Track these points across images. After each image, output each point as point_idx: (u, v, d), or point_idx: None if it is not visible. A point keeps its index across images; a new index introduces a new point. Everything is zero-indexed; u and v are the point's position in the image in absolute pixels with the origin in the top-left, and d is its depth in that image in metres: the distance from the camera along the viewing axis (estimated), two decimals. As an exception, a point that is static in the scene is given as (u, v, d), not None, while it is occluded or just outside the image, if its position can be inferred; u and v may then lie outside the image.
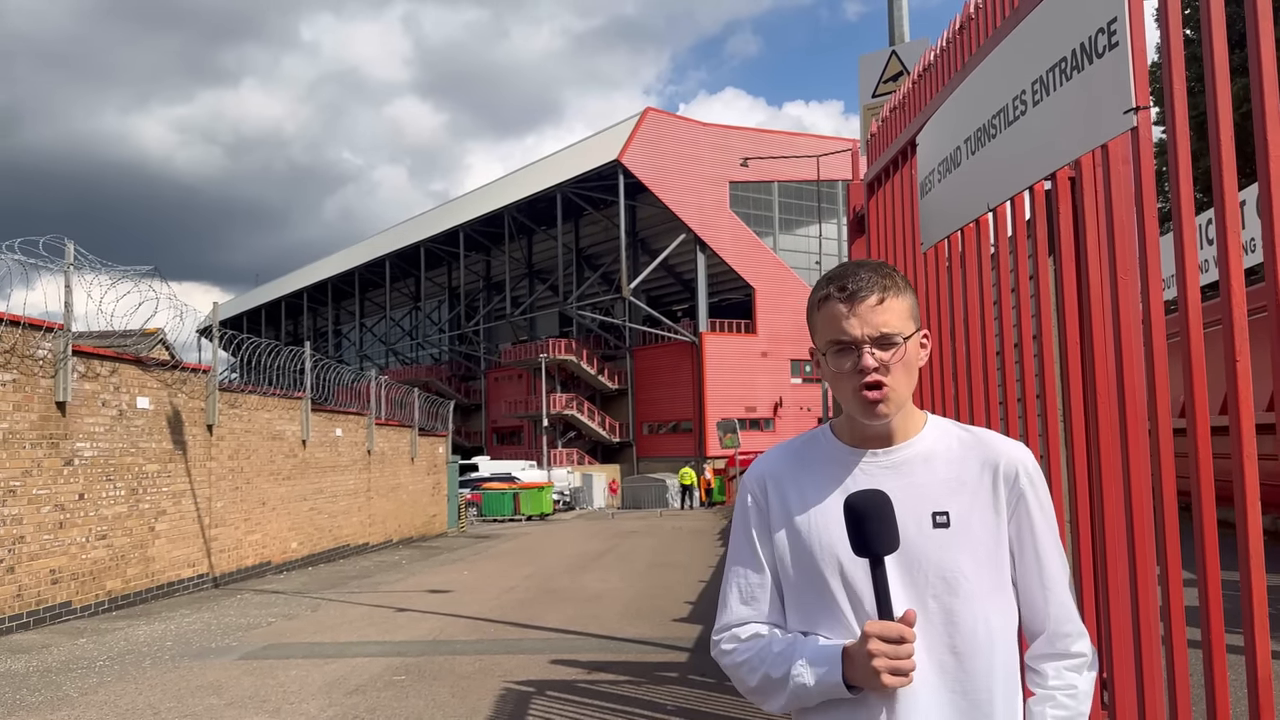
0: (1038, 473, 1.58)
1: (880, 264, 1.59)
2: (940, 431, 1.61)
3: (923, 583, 1.51)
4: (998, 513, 1.55)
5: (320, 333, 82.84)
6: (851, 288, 1.52)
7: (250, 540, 14.19)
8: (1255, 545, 1.90)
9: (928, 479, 1.55)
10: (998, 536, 1.55)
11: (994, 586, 1.53)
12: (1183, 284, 2.05)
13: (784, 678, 1.53)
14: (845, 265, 1.59)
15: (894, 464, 1.57)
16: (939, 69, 3.41)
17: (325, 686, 6.70)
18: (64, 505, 10.06)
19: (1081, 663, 1.56)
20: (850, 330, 1.51)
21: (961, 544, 1.52)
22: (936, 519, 1.52)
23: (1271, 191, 1.82)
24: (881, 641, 1.42)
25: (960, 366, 3.23)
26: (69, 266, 10.26)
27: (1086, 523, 2.65)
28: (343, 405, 18.49)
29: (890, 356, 1.51)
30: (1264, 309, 1.86)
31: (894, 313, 1.52)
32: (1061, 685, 1.55)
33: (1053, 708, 1.53)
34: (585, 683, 6.54)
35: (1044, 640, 1.57)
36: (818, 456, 1.63)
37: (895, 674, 1.42)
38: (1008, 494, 1.56)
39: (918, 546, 1.51)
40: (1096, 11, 2.15)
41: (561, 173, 56.25)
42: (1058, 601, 1.56)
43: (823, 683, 1.49)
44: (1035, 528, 1.56)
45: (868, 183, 4.29)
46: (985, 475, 1.56)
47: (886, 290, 1.52)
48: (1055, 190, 2.69)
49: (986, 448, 1.58)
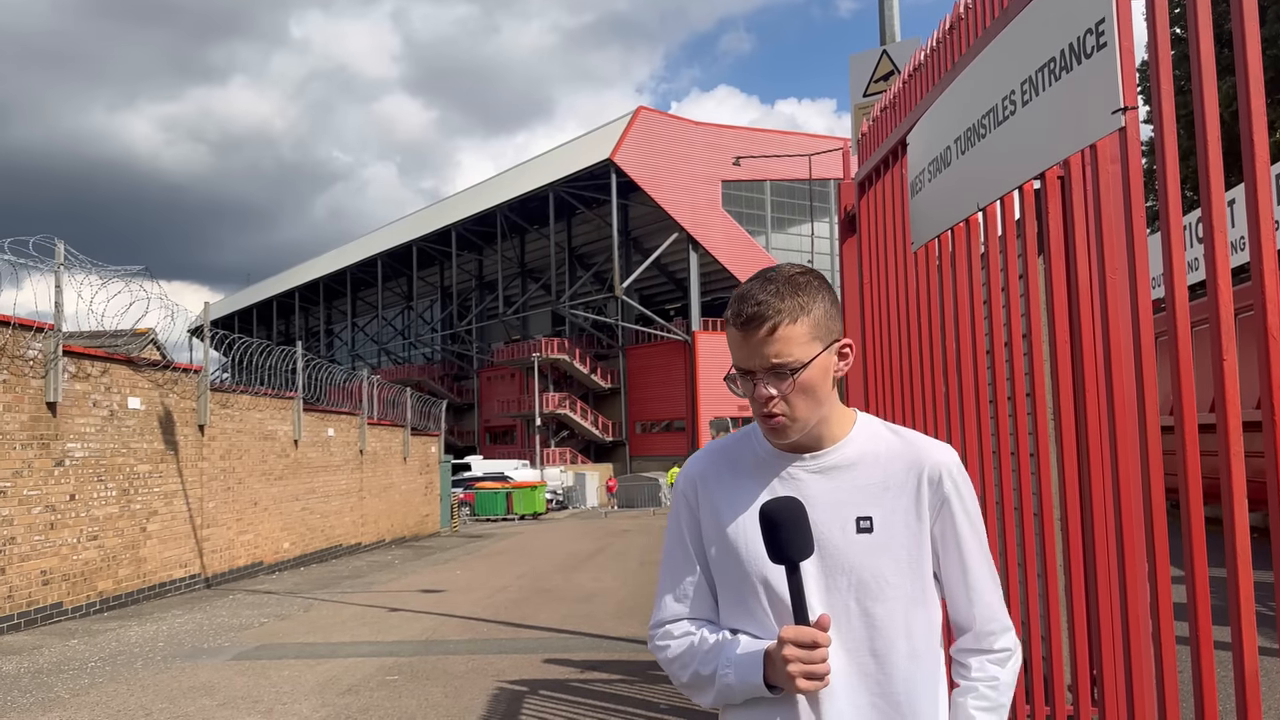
0: (963, 475, 1.60)
1: (791, 277, 1.53)
2: (868, 434, 1.62)
3: (844, 586, 1.53)
4: (920, 517, 1.57)
5: (312, 332, 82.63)
6: (746, 314, 1.49)
7: (242, 540, 14.16)
8: (1243, 542, 1.91)
9: (853, 483, 1.57)
10: (921, 540, 1.57)
11: (916, 590, 1.55)
12: (1170, 283, 2.06)
13: (711, 676, 1.57)
14: (752, 282, 1.53)
15: (821, 469, 1.58)
16: (929, 69, 3.42)
17: (318, 687, 6.69)
18: (55, 506, 10.03)
19: (1004, 656, 1.60)
20: (747, 361, 1.51)
21: (884, 548, 1.54)
22: (860, 524, 1.54)
23: (1257, 191, 1.83)
24: (795, 647, 1.44)
25: (950, 365, 3.24)
26: (59, 266, 10.22)
27: (1076, 520, 2.66)
28: (335, 405, 18.46)
29: (785, 386, 1.50)
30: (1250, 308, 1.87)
31: (788, 341, 1.48)
32: (984, 677, 1.59)
33: (974, 698, 1.57)
34: (578, 682, 6.55)
35: (970, 636, 1.61)
36: (747, 459, 1.65)
37: (809, 678, 1.45)
38: (932, 497, 1.57)
39: (841, 551, 1.53)
40: (1085, 12, 2.16)
41: (554, 172, 56.21)
42: (983, 602, 1.60)
43: (745, 683, 1.52)
44: (959, 530, 1.59)
45: (859, 182, 4.30)
46: (910, 479, 1.57)
47: (781, 315, 1.48)
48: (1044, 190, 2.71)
49: (913, 451, 1.60)
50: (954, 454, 1.63)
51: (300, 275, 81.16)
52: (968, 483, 1.61)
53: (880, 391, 4.02)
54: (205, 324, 13.91)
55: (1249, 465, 1.93)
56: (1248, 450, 1.95)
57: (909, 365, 3.66)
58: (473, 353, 67.84)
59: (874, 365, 4.11)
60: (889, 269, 3.81)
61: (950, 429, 3.24)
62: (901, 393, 3.76)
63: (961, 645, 1.62)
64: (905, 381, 3.72)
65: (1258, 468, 1.88)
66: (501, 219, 60.69)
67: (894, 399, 3.84)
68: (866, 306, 4.16)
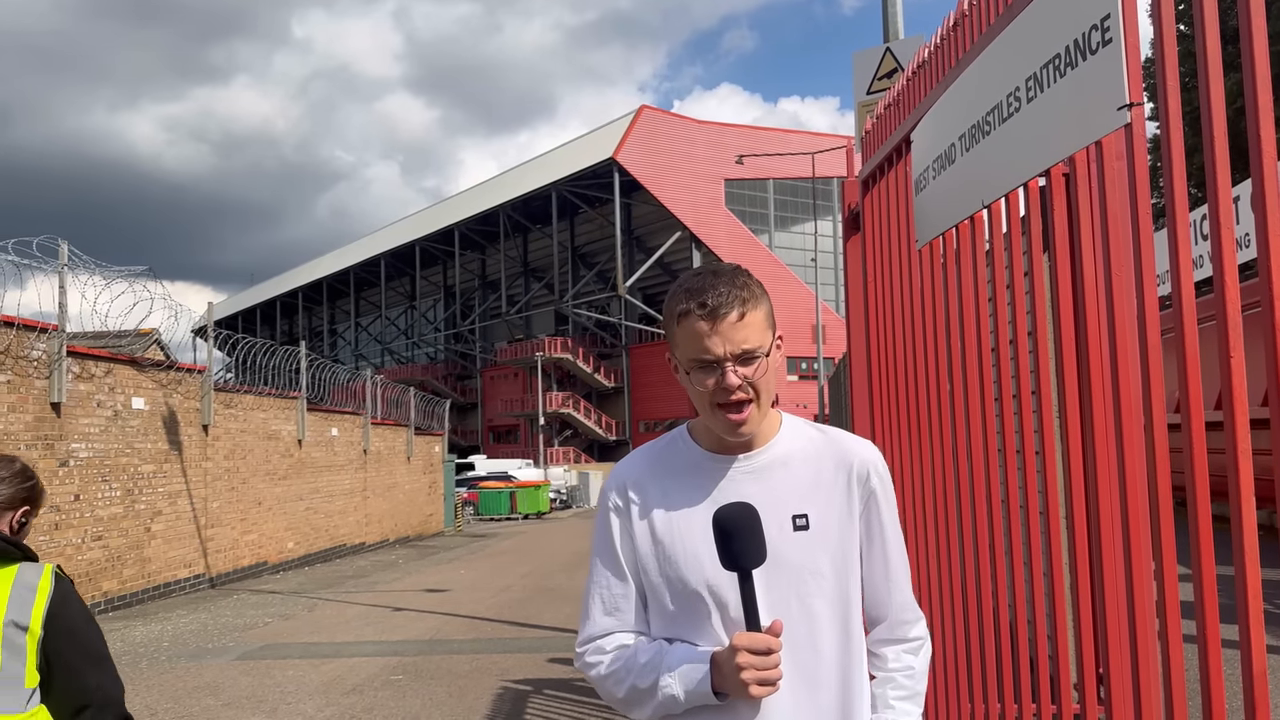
0: (885, 471, 1.65)
1: (734, 272, 1.57)
2: (795, 432, 1.64)
3: (785, 584, 1.55)
4: (851, 512, 1.60)
5: (316, 332, 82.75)
6: (712, 304, 1.50)
7: (246, 540, 14.18)
8: (1250, 540, 1.91)
9: (787, 482, 1.59)
10: (850, 534, 1.60)
11: (848, 583, 1.59)
12: (1177, 280, 2.05)
13: (652, 688, 1.54)
14: (701, 276, 1.55)
15: (754, 469, 1.59)
16: (933, 66, 3.42)
17: (322, 686, 6.69)
18: (59, 506, 10.04)
19: (917, 645, 1.66)
20: (713, 349, 1.50)
21: (820, 544, 1.57)
22: (796, 521, 1.56)
23: (1265, 187, 1.82)
24: (750, 654, 1.44)
25: (955, 363, 3.24)
26: (63, 267, 10.23)
27: (1082, 518, 2.65)
28: (338, 405, 18.48)
29: (754, 371, 1.52)
30: (1258, 304, 1.87)
31: (753, 327, 1.52)
32: (900, 667, 1.64)
33: (893, 689, 1.62)
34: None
35: (885, 627, 1.65)
36: (679, 462, 1.64)
37: (763, 684, 1.45)
38: (859, 492, 1.61)
39: (780, 549, 1.54)
40: (1090, 8, 2.15)
41: (556, 171, 56.25)
42: (900, 592, 1.65)
43: (692, 693, 1.51)
44: (884, 525, 1.63)
45: (862, 180, 4.30)
46: (840, 475, 1.61)
47: (746, 304, 1.52)
48: (1050, 187, 2.70)
49: (839, 448, 1.63)
50: (877, 450, 1.68)
51: (304, 275, 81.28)
52: (889, 478, 1.67)
53: (885, 390, 4.01)
54: (209, 324, 13.93)
55: (1256, 463, 1.93)
56: (1255, 448, 1.94)
57: (914, 363, 3.65)
58: (476, 352, 67.90)
59: (878, 363, 4.10)
60: (893, 267, 3.80)
61: (955, 427, 3.23)
62: (906, 391, 3.76)
63: (876, 636, 1.66)
64: (910, 380, 3.71)
65: (1265, 465, 1.87)
66: (504, 218, 60.72)
67: (899, 397, 3.83)
68: (871, 304, 4.16)
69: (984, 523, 3.08)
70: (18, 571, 2.13)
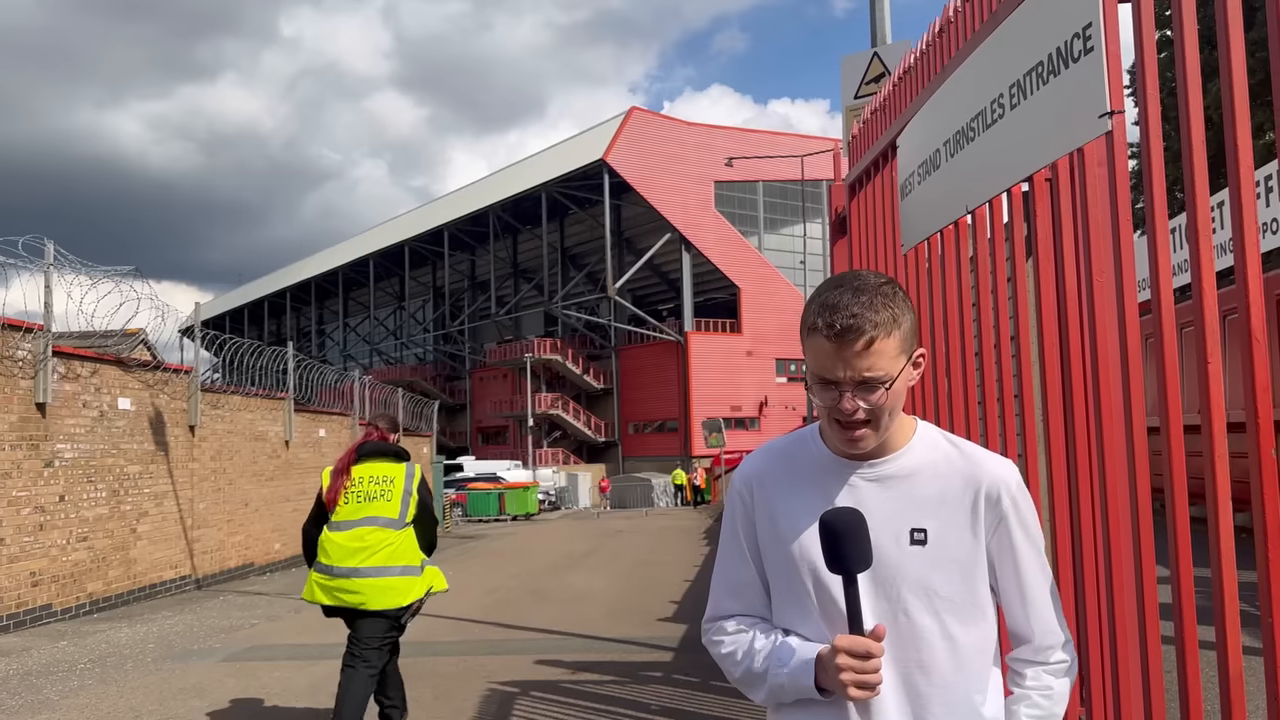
0: (1021, 491, 1.59)
1: (880, 287, 1.50)
2: (928, 445, 1.61)
3: (895, 597, 1.54)
4: (976, 533, 1.56)
5: (304, 332, 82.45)
6: (840, 326, 1.46)
7: (233, 541, 14.13)
8: (1227, 542, 1.93)
9: (910, 495, 1.57)
10: (975, 555, 1.56)
11: (967, 604, 1.55)
12: (1156, 286, 2.08)
13: (764, 673, 1.58)
14: (841, 290, 1.49)
15: (878, 477, 1.58)
16: (919, 71, 3.44)
17: (309, 688, 6.68)
18: (44, 507, 9.99)
19: (1060, 668, 1.60)
20: (834, 372, 1.48)
21: (937, 561, 1.54)
22: (915, 535, 1.54)
23: (1241, 196, 1.85)
24: (849, 656, 1.45)
25: (940, 367, 3.26)
26: (49, 266, 10.18)
27: (1065, 521, 2.68)
28: (326, 406, 18.42)
29: (874, 399, 1.49)
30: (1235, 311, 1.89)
31: (882, 355, 1.47)
32: (1038, 686, 1.59)
33: (1027, 706, 1.57)
34: (570, 683, 6.55)
35: (1028, 648, 1.61)
36: (805, 462, 1.64)
37: (861, 687, 1.46)
38: (988, 514, 1.57)
39: (894, 561, 1.54)
40: (1072, 16, 2.17)
41: (546, 172, 56.21)
42: (1039, 617, 1.59)
43: (796, 685, 1.54)
44: (1016, 547, 1.58)
45: (849, 184, 4.32)
46: (968, 494, 1.56)
47: (878, 329, 1.46)
48: (1033, 193, 2.72)
49: (972, 465, 1.59)
50: (1014, 470, 1.62)
51: (292, 275, 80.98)
52: (1027, 499, 1.60)
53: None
54: (196, 324, 13.87)
55: (1234, 466, 1.95)
56: (1232, 451, 1.96)
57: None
58: (465, 353, 67.77)
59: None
60: (879, 270, 3.82)
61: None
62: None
63: (1018, 655, 1.62)
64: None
65: (1242, 468, 1.90)
66: (494, 219, 60.64)
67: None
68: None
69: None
70: (405, 467, 4.98)
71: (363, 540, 4.75)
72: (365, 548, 4.74)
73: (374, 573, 4.72)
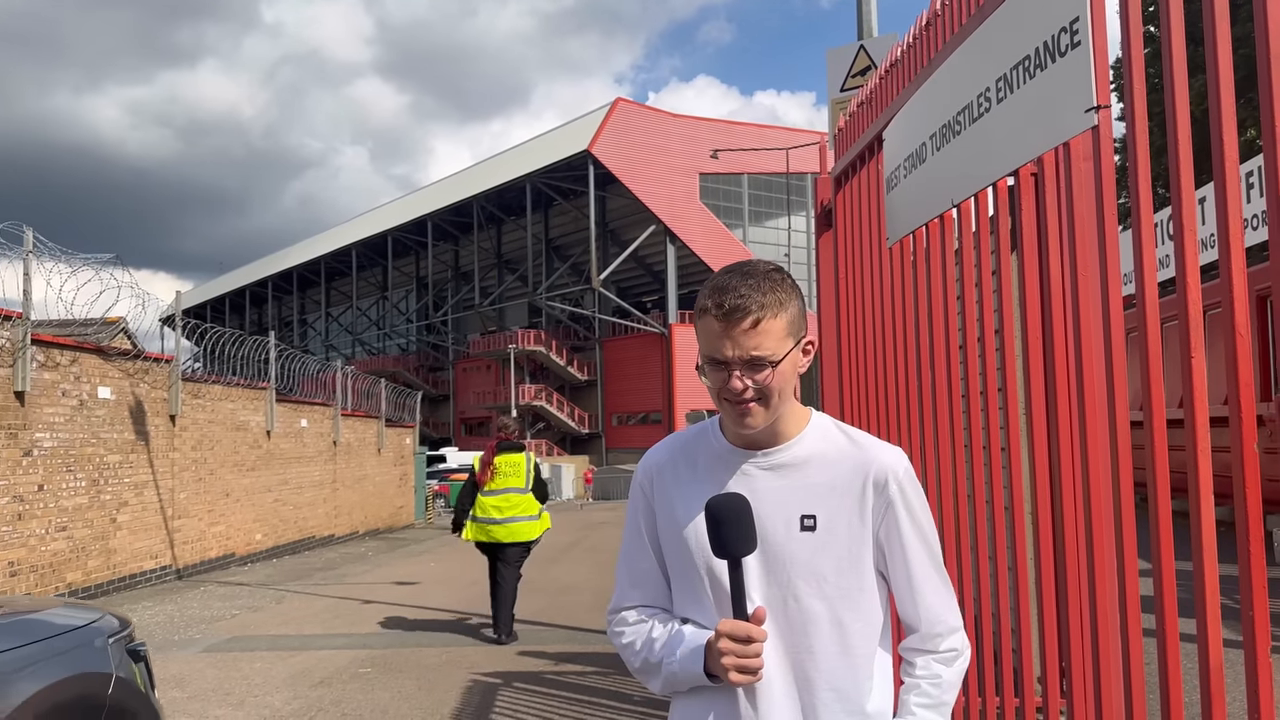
0: (910, 479, 1.63)
1: (768, 273, 1.56)
2: (820, 434, 1.65)
3: (785, 582, 1.57)
4: (864, 519, 1.60)
5: (285, 322, 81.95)
6: (729, 305, 1.50)
7: (214, 532, 14.05)
8: (1209, 536, 1.94)
9: (801, 482, 1.60)
10: (863, 541, 1.60)
11: (856, 589, 1.59)
12: (1140, 280, 2.08)
13: (659, 664, 1.62)
14: (730, 275, 1.55)
15: (771, 465, 1.62)
16: (905, 64, 3.44)
17: (290, 679, 6.65)
18: (23, 496, 9.90)
19: (950, 656, 1.63)
20: (723, 351, 1.52)
21: (825, 547, 1.57)
22: (804, 521, 1.58)
23: (1226, 191, 1.86)
24: (731, 640, 1.48)
25: (924, 360, 3.27)
26: (27, 254, 10.07)
27: (1047, 514, 2.69)
28: (308, 396, 18.32)
29: (761, 378, 1.52)
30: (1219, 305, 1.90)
31: (768, 334, 1.51)
32: (928, 675, 1.62)
33: (917, 695, 1.61)
34: (552, 674, 6.55)
35: (916, 637, 1.65)
36: (702, 453, 1.68)
37: (742, 672, 1.49)
38: (876, 500, 1.60)
39: (783, 547, 1.57)
40: (1059, 11, 2.17)
41: (531, 162, 56.03)
42: (926, 604, 1.63)
43: (687, 672, 1.57)
44: (903, 534, 1.61)
45: (835, 177, 4.32)
46: (855, 481, 1.60)
47: (764, 310, 1.51)
48: (1018, 187, 2.73)
49: (861, 453, 1.62)
50: (903, 457, 1.65)
51: (274, 264, 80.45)
52: (915, 486, 1.64)
53: (854, 385, 4.04)
54: (177, 313, 13.76)
55: (1216, 460, 1.96)
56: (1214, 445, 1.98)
57: (883, 360, 3.68)
58: (448, 344, 67.57)
59: (849, 359, 4.13)
60: (865, 264, 3.82)
61: (923, 423, 3.26)
62: (875, 387, 3.79)
63: (908, 644, 1.66)
64: (879, 376, 3.74)
65: (1224, 462, 1.91)
66: (478, 209, 60.42)
67: (868, 393, 3.86)
68: (842, 301, 4.18)
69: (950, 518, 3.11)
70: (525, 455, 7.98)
71: (507, 500, 7.89)
72: (510, 505, 7.89)
73: (514, 520, 7.88)
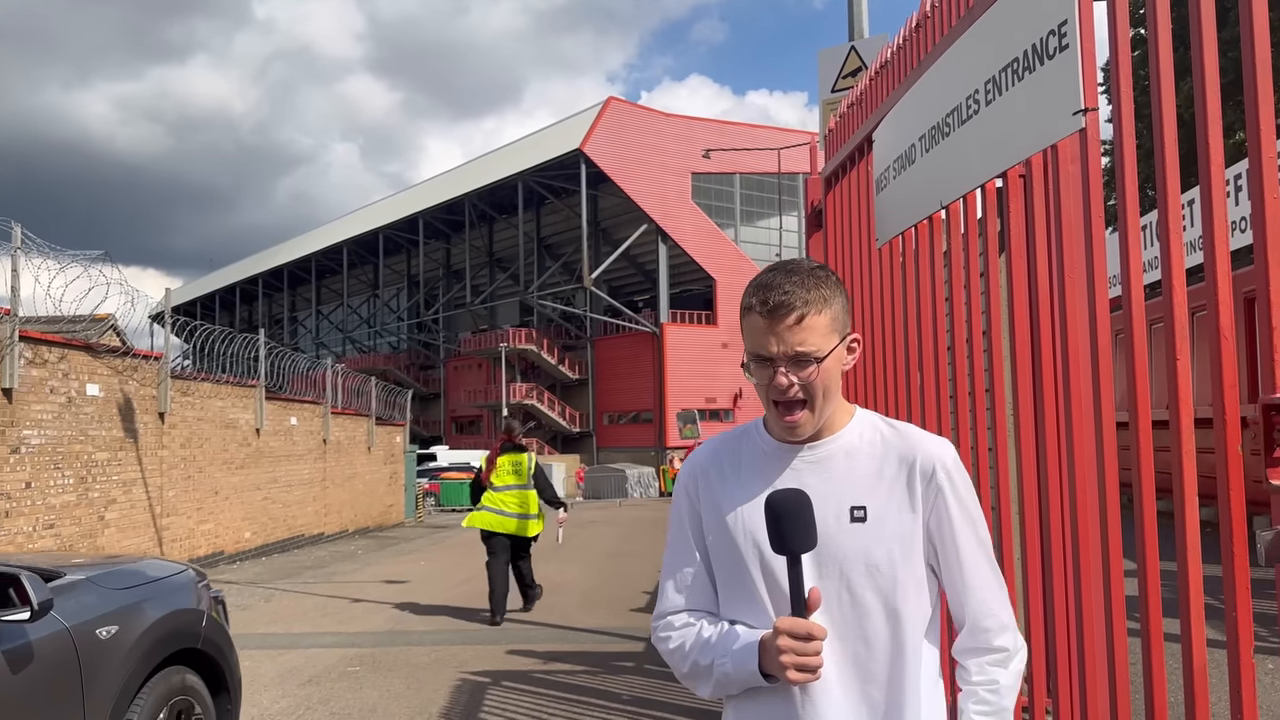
0: (957, 467, 1.61)
1: (812, 270, 1.57)
2: (865, 426, 1.65)
3: (837, 574, 1.56)
4: (914, 508, 1.58)
5: (276, 320, 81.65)
6: (773, 302, 1.52)
7: (203, 530, 14.00)
8: (1193, 537, 1.95)
9: (848, 474, 1.60)
10: (914, 530, 1.58)
11: (909, 579, 1.57)
12: (1127, 282, 2.09)
13: (709, 666, 1.60)
14: (775, 272, 1.57)
15: (818, 459, 1.61)
16: (895, 66, 3.45)
17: (278, 677, 6.64)
18: (10, 494, 9.85)
19: (1003, 657, 1.60)
20: (768, 347, 1.53)
21: (877, 537, 1.56)
22: (854, 513, 1.57)
23: (1212, 194, 1.87)
24: (790, 638, 1.46)
25: (912, 361, 3.28)
26: (16, 250, 10.02)
27: (1034, 514, 2.70)
28: (298, 394, 18.26)
29: (806, 375, 1.53)
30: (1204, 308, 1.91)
31: (813, 330, 1.52)
32: (984, 681, 1.58)
33: (975, 703, 1.57)
34: (541, 673, 6.55)
35: (966, 633, 1.61)
36: (748, 451, 1.68)
37: (801, 670, 1.46)
38: (924, 489, 1.59)
39: (835, 539, 1.56)
40: (1048, 13, 2.19)
41: (523, 161, 55.92)
42: (976, 597, 1.60)
43: (740, 672, 1.55)
44: (953, 522, 1.59)
45: (825, 177, 4.33)
46: (903, 470, 1.59)
47: (809, 306, 1.52)
48: (1006, 188, 2.74)
49: (907, 443, 1.62)
50: (949, 447, 1.64)
51: (264, 261, 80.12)
52: (964, 476, 1.62)
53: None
54: (166, 310, 13.71)
55: (1200, 461, 1.98)
56: (1199, 446, 1.99)
57: (872, 360, 3.69)
58: (440, 342, 67.41)
59: (838, 359, 4.14)
60: (854, 264, 3.83)
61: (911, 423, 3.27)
62: (863, 386, 3.80)
63: (960, 645, 1.62)
64: (867, 376, 3.75)
65: (1209, 464, 1.92)
66: (470, 208, 60.30)
67: (856, 393, 3.87)
68: (832, 301, 4.19)
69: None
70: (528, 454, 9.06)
71: (513, 495, 8.86)
72: (515, 500, 8.86)
73: (520, 515, 8.86)
